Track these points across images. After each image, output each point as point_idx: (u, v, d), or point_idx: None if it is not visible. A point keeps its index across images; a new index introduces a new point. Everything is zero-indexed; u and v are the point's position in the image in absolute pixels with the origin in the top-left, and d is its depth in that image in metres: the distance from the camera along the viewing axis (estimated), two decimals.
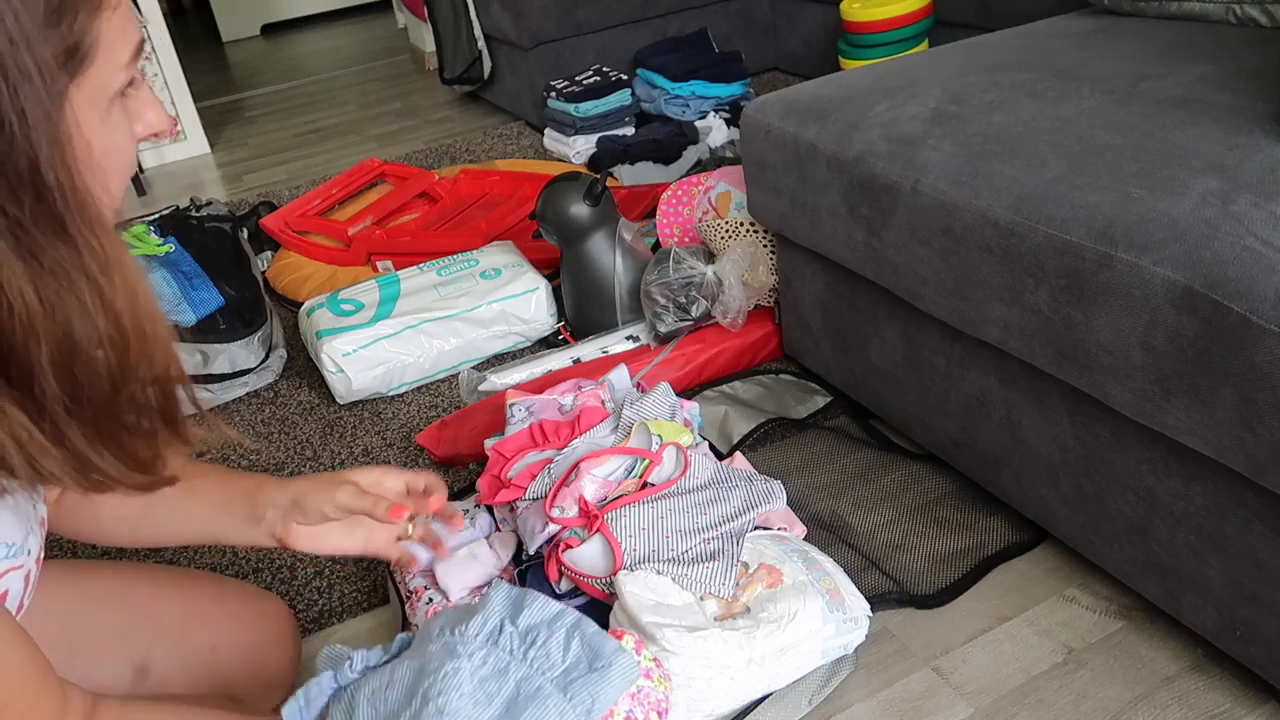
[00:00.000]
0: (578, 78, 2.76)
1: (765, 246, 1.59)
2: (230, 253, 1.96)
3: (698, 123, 2.61)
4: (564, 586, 1.10)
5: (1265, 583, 0.89)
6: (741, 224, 1.62)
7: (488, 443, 1.27)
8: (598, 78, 2.74)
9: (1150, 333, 0.87)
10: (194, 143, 3.39)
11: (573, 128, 2.66)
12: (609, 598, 1.04)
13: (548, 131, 2.80)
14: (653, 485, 1.13)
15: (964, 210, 1.04)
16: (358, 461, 1.56)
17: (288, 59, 4.73)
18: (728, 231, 1.63)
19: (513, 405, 1.31)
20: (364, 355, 1.66)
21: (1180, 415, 0.87)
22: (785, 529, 1.14)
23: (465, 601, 1.10)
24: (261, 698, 0.98)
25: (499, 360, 1.77)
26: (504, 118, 3.21)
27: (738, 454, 1.29)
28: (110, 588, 0.95)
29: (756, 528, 1.11)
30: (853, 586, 1.05)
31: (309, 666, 1.01)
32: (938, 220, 1.08)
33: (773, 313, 1.64)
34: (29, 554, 0.67)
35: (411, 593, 1.14)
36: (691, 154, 2.46)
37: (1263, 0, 1.29)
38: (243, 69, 4.68)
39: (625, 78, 2.73)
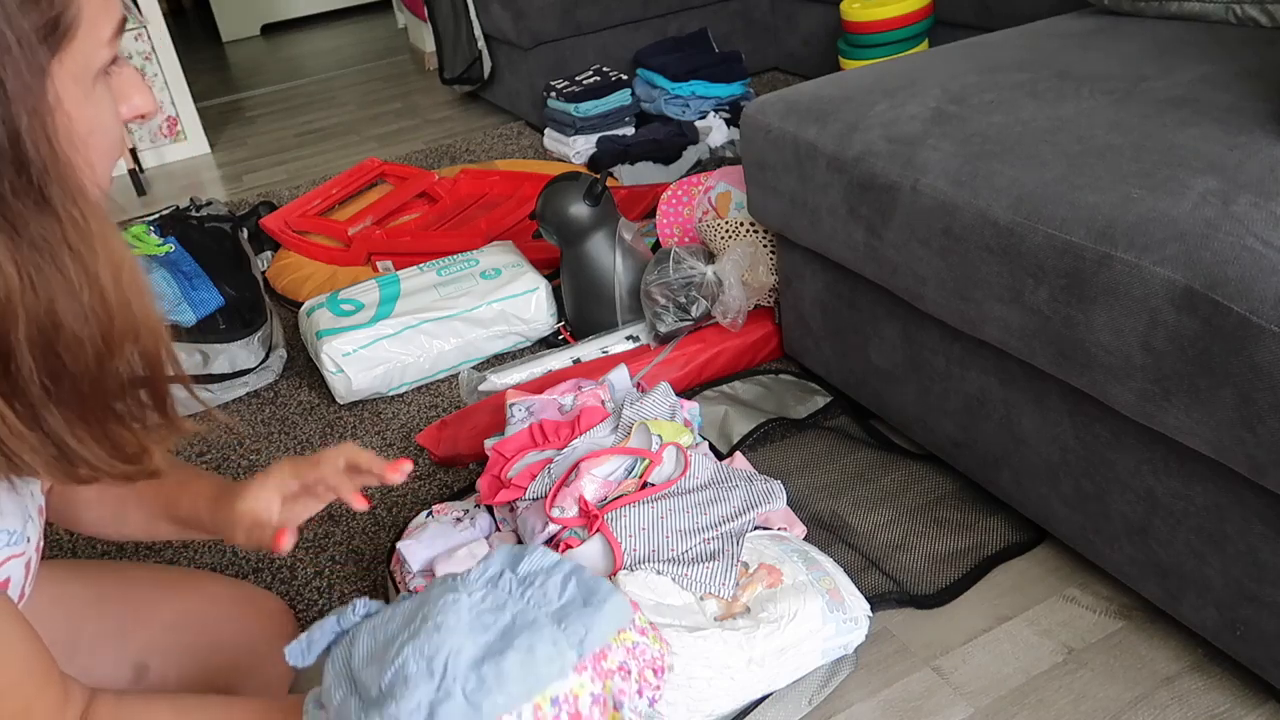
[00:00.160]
0: (578, 78, 2.75)
1: (765, 246, 1.58)
2: (230, 253, 1.96)
3: (698, 123, 2.61)
4: None
5: (1265, 583, 0.89)
6: (741, 224, 1.62)
7: (488, 443, 1.27)
8: (598, 78, 2.73)
9: (1150, 333, 0.87)
10: (194, 143, 3.39)
11: (573, 128, 2.66)
12: None
13: (548, 131, 2.80)
14: (653, 485, 1.13)
15: (964, 210, 1.04)
16: None
17: (288, 59, 4.73)
18: (728, 231, 1.63)
19: (513, 405, 1.31)
20: (364, 355, 1.66)
21: (1180, 415, 0.87)
22: (785, 529, 1.14)
23: None
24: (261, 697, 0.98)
25: (499, 360, 1.77)
26: (504, 118, 3.21)
27: (738, 454, 1.29)
28: (110, 588, 0.95)
29: (756, 528, 1.11)
30: (853, 586, 1.05)
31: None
32: (938, 220, 1.08)
33: (773, 313, 1.64)
34: (29, 541, 0.67)
35: (411, 592, 1.14)
36: (691, 154, 2.46)
37: (1263, 0, 1.29)
38: (243, 69, 4.68)
39: (625, 78, 2.73)
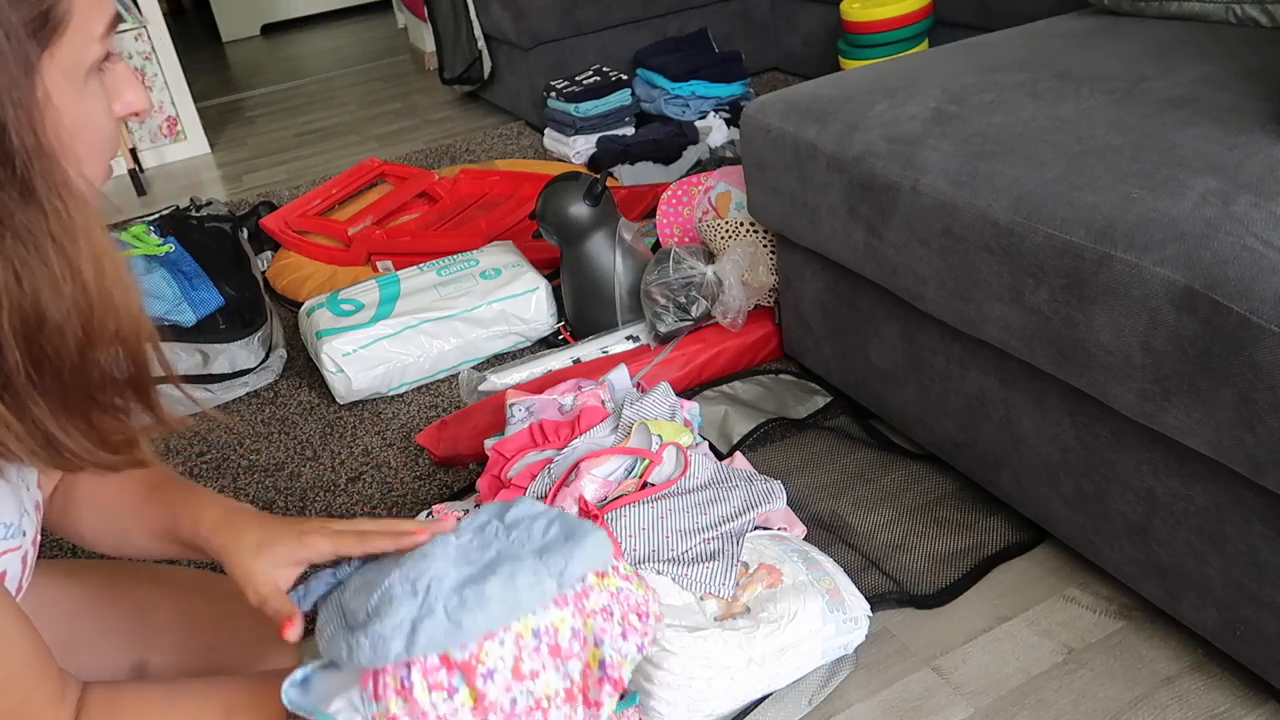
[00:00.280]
0: (578, 78, 2.75)
1: (765, 246, 1.58)
2: (230, 253, 1.96)
3: (698, 123, 2.61)
4: None
5: (1265, 583, 0.89)
6: (741, 224, 1.62)
7: (488, 443, 1.27)
8: (598, 78, 2.73)
9: (1150, 333, 0.87)
10: (194, 143, 3.39)
11: (573, 128, 2.66)
12: None
13: (548, 131, 2.80)
14: (653, 485, 1.13)
15: (964, 210, 1.04)
16: (358, 461, 1.56)
17: (288, 59, 4.73)
18: (728, 231, 1.63)
19: (513, 405, 1.31)
20: (364, 355, 1.66)
21: (1180, 415, 0.87)
22: (785, 529, 1.14)
23: None
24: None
25: (499, 360, 1.77)
26: (504, 118, 3.21)
27: (738, 454, 1.29)
28: (109, 588, 0.95)
29: (756, 528, 1.11)
30: (853, 586, 1.05)
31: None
32: (937, 220, 1.08)
33: (773, 313, 1.64)
34: (25, 535, 0.67)
35: None
36: (691, 154, 2.46)
37: (1263, 0, 1.29)
38: (243, 69, 4.68)
39: (625, 78, 2.73)
